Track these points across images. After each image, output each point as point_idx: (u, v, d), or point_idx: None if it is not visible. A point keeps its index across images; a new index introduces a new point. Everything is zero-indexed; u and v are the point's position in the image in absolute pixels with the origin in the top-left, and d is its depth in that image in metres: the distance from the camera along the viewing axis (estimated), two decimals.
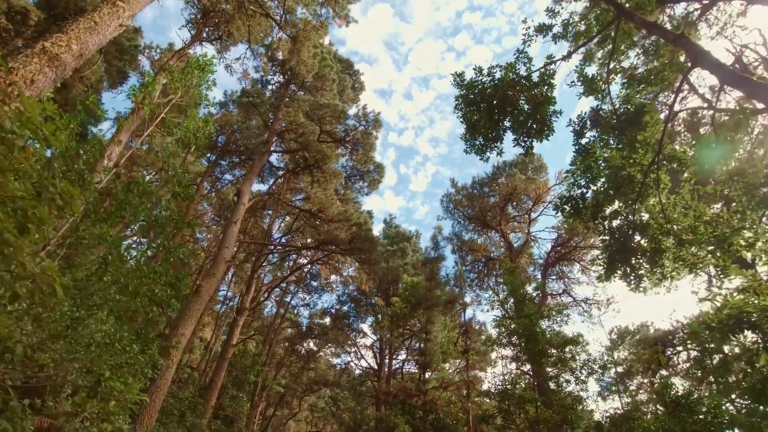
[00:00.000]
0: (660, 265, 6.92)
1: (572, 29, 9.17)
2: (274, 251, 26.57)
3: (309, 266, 28.47)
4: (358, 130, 23.27)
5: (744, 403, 9.43)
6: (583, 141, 8.73)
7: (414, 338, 25.86)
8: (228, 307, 31.37)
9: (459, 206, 26.69)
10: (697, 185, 7.03)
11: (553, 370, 13.25)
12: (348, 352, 29.39)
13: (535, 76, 9.21)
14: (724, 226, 6.30)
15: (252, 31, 20.18)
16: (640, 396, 23.64)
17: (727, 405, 8.98)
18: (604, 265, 7.61)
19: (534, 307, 13.45)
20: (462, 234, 27.44)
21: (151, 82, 7.55)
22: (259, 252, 24.97)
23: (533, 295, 16.45)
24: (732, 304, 6.98)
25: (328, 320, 30.49)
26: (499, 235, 26.35)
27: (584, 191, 7.76)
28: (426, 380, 22.11)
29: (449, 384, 21.77)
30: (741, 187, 6.46)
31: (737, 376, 11.16)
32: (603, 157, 7.42)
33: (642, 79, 8.49)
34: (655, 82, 8.43)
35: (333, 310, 30.24)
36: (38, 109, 3.36)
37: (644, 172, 6.96)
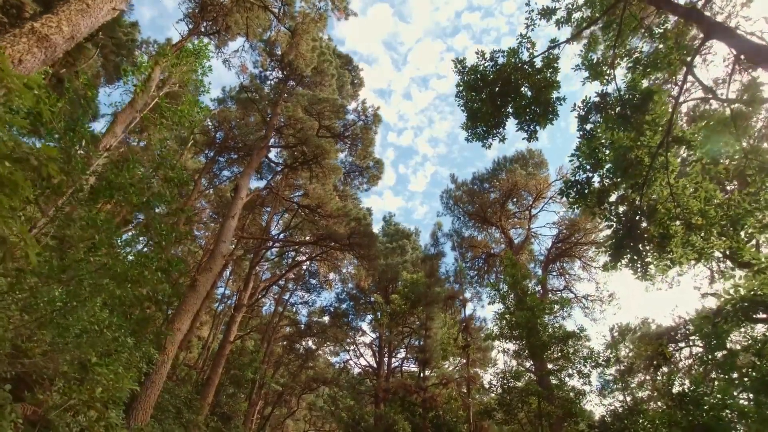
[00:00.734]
0: (668, 251, 6.71)
1: (577, 13, 8.99)
2: (273, 247, 26.33)
3: (308, 263, 28.22)
4: (357, 125, 23.01)
5: (752, 396, 9.23)
6: (588, 127, 8.53)
7: (413, 336, 25.62)
8: (226, 306, 31.11)
9: (459, 202, 26.45)
10: (709, 165, 6.82)
11: (556, 365, 13.06)
12: (347, 350, 29.16)
13: (538, 61, 9.01)
14: (736, 209, 6.09)
15: (250, 24, 19.97)
16: (640, 394, 23.41)
17: (738, 397, 8.77)
18: (610, 250, 7.40)
19: (536, 299, 13.26)
20: (462, 230, 27.23)
21: (144, 64, 7.33)
22: (257, 248, 24.73)
23: (535, 290, 16.23)
24: (747, 287, 6.78)
25: (326, 318, 30.27)
26: (499, 232, 26.13)
27: (590, 176, 7.55)
28: (426, 377, 21.87)
29: (450, 380, 21.52)
30: (756, 165, 6.25)
31: (740, 372, 10.97)
32: (609, 140, 7.20)
33: (648, 63, 8.31)
34: (661, 66, 8.25)
35: (332, 308, 30.02)
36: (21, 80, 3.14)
37: (652, 154, 6.75)
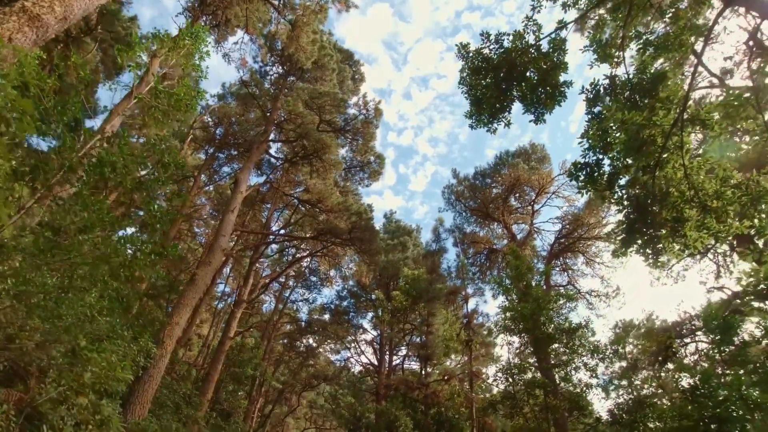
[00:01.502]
0: (682, 235, 6.48)
1: None
2: (273, 242, 26.08)
3: (308, 260, 27.98)
4: (358, 120, 22.74)
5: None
6: (596, 110, 8.28)
7: (415, 333, 25.36)
8: (226, 304, 30.91)
9: (461, 198, 26.17)
10: (727, 143, 6.59)
11: (561, 358, 12.81)
12: (348, 348, 28.92)
13: (545, 44, 8.77)
14: (757, 188, 5.85)
15: (250, 17, 19.75)
16: (644, 391, 23.11)
17: (751, 390, 8.52)
18: (621, 235, 7.16)
19: (541, 290, 13.02)
20: (464, 226, 26.95)
21: (138, 43, 7.10)
22: (257, 245, 24.51)
23: (539, 283, 15.97)
24: (765, 269, 6.55)
25: (327, 316, 30.04)
26: (501, 227, 25.85)
27: (600, 157, 7.30)
28: (428, 373, 21.61)
29: (452, 376, 21.26)
30: None
31: (752, 364, 10.71)
32: (620, 120, 6.94)
33: (659, 44, 8.06)
34: (672, 47, 8.01)
35: (332, 306, 29.78)
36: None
37: (665, 134, 6.50)
